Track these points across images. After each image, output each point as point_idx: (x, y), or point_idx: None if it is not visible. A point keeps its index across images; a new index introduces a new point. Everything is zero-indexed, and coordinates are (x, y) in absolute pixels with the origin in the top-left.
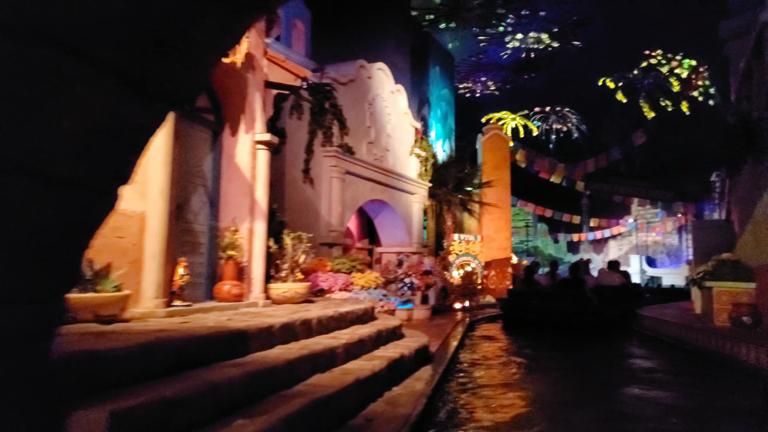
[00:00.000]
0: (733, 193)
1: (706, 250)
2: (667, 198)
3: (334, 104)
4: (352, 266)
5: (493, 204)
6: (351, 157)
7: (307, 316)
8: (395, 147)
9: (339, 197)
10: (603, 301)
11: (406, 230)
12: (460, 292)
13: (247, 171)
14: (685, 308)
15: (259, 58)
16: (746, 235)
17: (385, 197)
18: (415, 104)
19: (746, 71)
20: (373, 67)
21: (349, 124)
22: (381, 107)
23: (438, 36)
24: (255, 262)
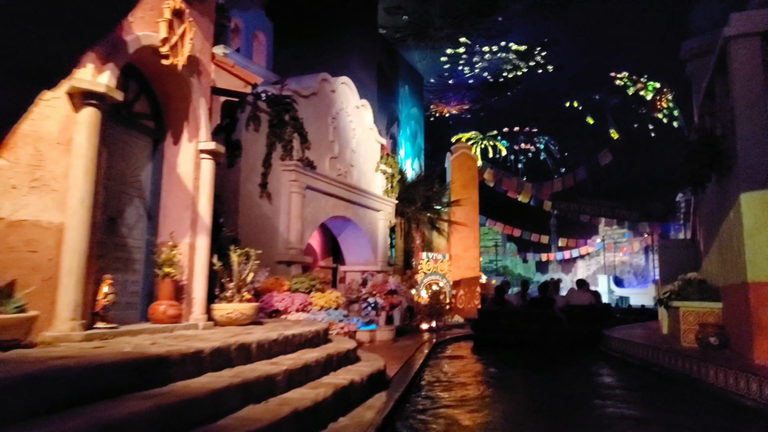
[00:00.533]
0: (698, 212)
1: (673, 270)
2: (633, 218)
3: (295, 117)
4: (311, 285)
5: (461, 223)
6: (312, 172)
7: (246, 340)
8: (360, 163)
9: (299, 213)
10: (572, 321)
11: (371, 248)
12: (426, 312)
13: (189, 182)
14: (653, 328)
15: (205, 63)
16: (712, 255)
17: (348, 214)
18: (383, 122)
19: (709, 88)
20: (337, 81)
21: (311, 138)
22: (345, 122)
23: (407, 55)
24: (196, 281)
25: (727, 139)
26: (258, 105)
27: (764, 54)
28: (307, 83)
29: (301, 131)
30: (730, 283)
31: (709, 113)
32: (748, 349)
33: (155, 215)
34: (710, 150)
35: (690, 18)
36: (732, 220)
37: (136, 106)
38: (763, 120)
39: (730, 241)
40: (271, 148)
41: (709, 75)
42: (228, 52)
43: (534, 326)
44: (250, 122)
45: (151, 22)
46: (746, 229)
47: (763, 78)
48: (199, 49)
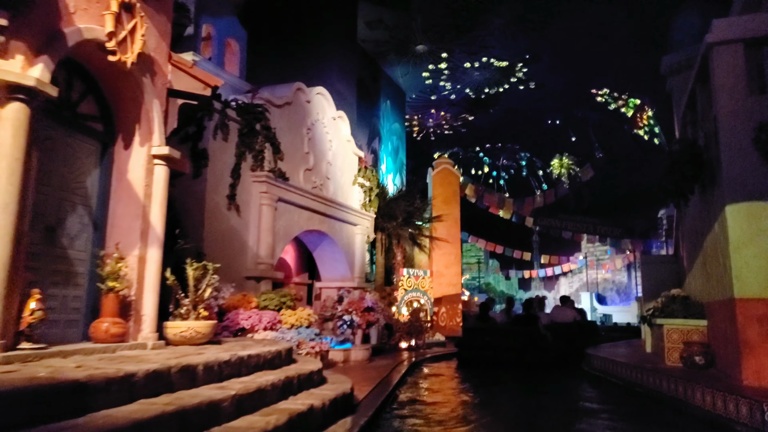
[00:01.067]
0: (680, 227)
1: (655, 286)
2: (616, 234)
3: (267, 126)
4: (281, 302)
5: (443, 239)
6: (285, 184)
7: (192, 362)
8: (337, 175)
9: (269, 226)
10: (557, 338)
11: (348, 263)
12: (406, 330)
13: (140, 189)
14: (636, 346)
15: (160, 62)
16: (695, 270)
17: (324, 228)
18: (364, 136)
19: (690, 98)
20: (312, 91)
21: (284, 149)
22: (321, 133)
23: (389, 70)
24: (146, 296)
25: (710, 149)
26: (227, 113)
27: (747, 61)
28: (281, 93)
29: (273, 141)
30: (716, 299)
31: (691, 123)
32: (736, 368)
33: (102, 225)
34: (693, 160)
35: (670, 33)
36: (717, 233)
37: (82, 107)
38: (747, 129)
39: (715, 255)
40: (241, 158)
41: (690, 84)
42: (198, 59)
43: (518, 344)
44: (218, 131)
45: (96, 14)
46: (732, 243)
47: (746, 86)
48: (153, 48)
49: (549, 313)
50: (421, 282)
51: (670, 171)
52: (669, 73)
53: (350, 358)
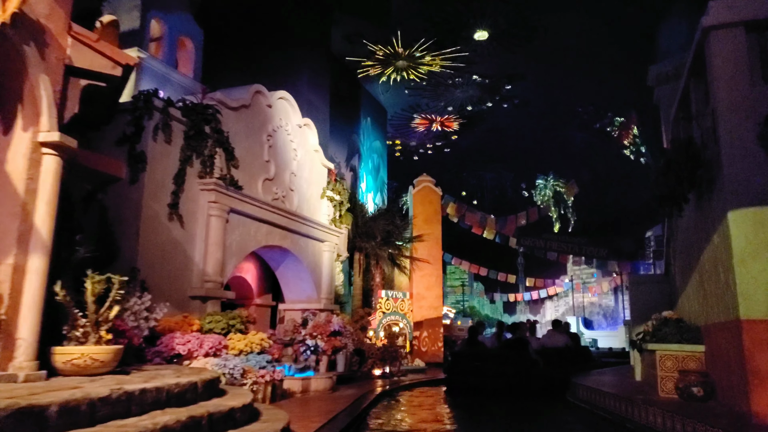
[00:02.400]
0: (672, 243)
1: (645, 308)
2: (602, 255)
3: (218, 129)
4: (229, 325)
5: (423, 259)
6: (238, 193)
7: (40, 402)
8: (302, 187)
9: (219, 240)
10: (548, 364)
11: (314, 283)
12: (379, 356)
13: (20, 183)
14: (624, 374)
15: (54, 32)
16: (690, 289)
17: (286, 244)
18: (343, 154)
19: (684, 94)
20: (274, 96)
21: (240, 156)
22: (284, 141)
23: (369, 87)
24: (23, 316)
25: (708, 148)
26: (169, 112)
27: (750, 47)
28: (237, 95)
29: (226, 146)
30: (716, 321)
31: (684, 120)
32: (742, 401)
33: None
34: (690, 160)
35: (657, 42)
36: (716, 245)
37: None
38: (751, 124)
39: (715, 271)
40: (186, 163)
41: (684, 78)
42: (144, 56)
43: (508, 370)
44: (159, 132)
45: None
46: (736, 256)
47: (748, 75)
48: (44, 14)
49: (540, 338)
50: (399, 305)
51: (665, 173)
52: (656, 83)
53: (310, 387)
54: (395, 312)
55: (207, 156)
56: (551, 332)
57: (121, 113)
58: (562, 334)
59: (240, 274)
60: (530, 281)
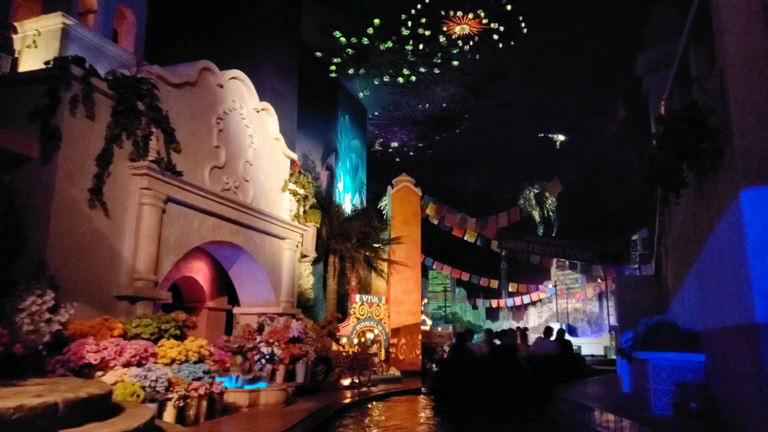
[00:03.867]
0: (664, 239)
1: (634, 312)
2: (586, 258)
3: (155, 106)
4: (160, 330)
5: (401, 262)
6: (178, 180)
7: None
8: (259, 178)
9: (153, 233)
10: (536, 372)
11: (272, 285)
12: (347, 365)
13: None
14: (611, 384)
15: None
16: (686, 290)
17: (238, 240)
18: (318, 151)
19: (682, 60)
20: (226, 75)
21: (183, 139)
22: (238, 126)
23: (348, 84)
24: None
25: (714, 116)
26: (92, 83)
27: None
28: (181, 71)
29: (165, 127)
30: (720, 325)
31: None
32: (756, 421)
33: None
34: (694, 128)
35: (645, 29)
36: (723, 234)
37: None
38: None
39: (720, 266)
40: (113, 143)
41: (682, 42)
42: (72, 22)
43: (496, 377)
44: (79, 105)
45: None
46: (751, 245)
47: (763, 26)
48: None
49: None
50: (375, 310)
51: (662, 146)
52: (645, 72)
53: (259, 401)
54: (370, 318)
55: (141, 137)
56: (540, 339)
57: (34, 83)
58: (551, 341)
59: (189, 273)
60: (513, 286)
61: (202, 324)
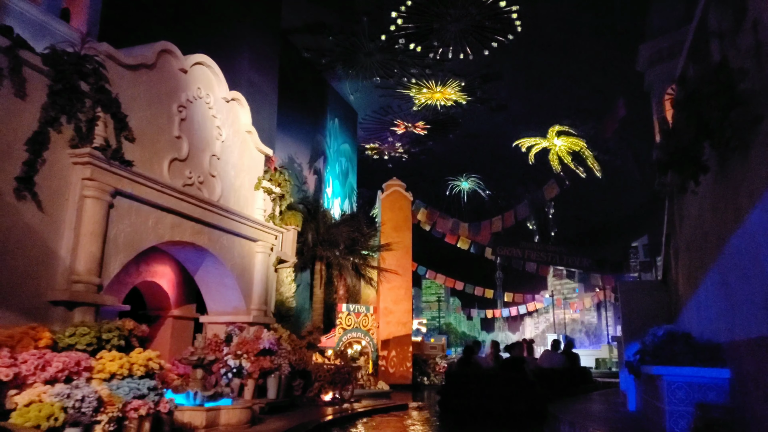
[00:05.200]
0: (674, 239)
1: (640, 321)
2: (584, 265)
3: (103, 88)
4: (100, 340)
5: (391, 270)
6: (129, 171)
7: None
8: (229, 174)
9: (97, 230)
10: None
11: (242, 291)
12: (328, 379)
13: None
14: (613, 402)
15: None
16: (702, 295)
17: (201, 241)
18: (305, 155)
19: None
20: (189, 59)
21: (138, 127)
22: (204, 116)
23: (337, 86)
24: None
25: (747, 76)
26: (21, 56)
27: None
28: (137, 52)
29: (115, 112)
30: (755, 336)
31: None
32: None
33: None
34: (723, 92)
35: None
36: (758, 223)
37: None
38: None
39: (754, 262)
40: (49, 126)
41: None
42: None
43: (505, 391)
44: (4, 80)
45: None
46: None
47: None
48: None
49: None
50: (362, 320)
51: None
52: (648, 65)
53: (219, 421)
54: (357, 328)
55: (84, 121)
56: (547, 352)
57: None
58: (559, 354)
59: (152, 278)
60: (509, 296)
61: (166, 334)
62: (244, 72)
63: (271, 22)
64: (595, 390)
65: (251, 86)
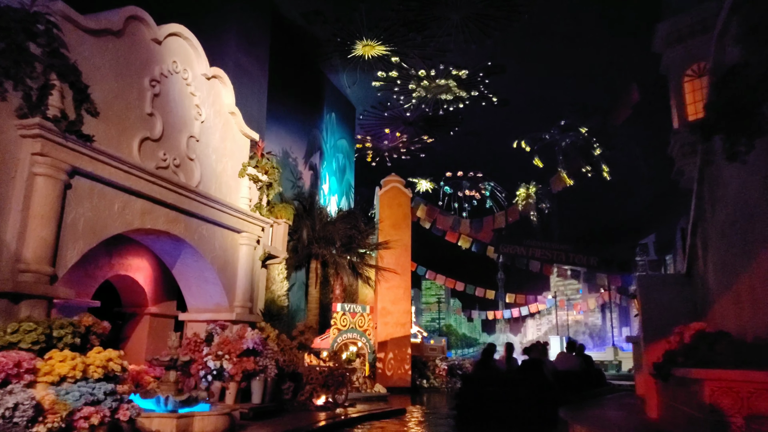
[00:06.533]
0: (701, 227)
1: (664, 320)
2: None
3: (58, 52)
4: (50, 337)
5: (390, 269)
6: (90, 148)
7: None
8: (209, 158)
9: (50, 212)
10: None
11: (224, 286)
12: (320, 382)
13: None
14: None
15: None
16: (741, 287)
17: (177, 230)
18: (301, 149)
19: None
20: (164, 29)
21: (104, 100)
22: (181, 93)
23: (334, 78)
24: None
25: None
26: None
27: None
28: (103, 17)
29: (74, 81)
30: None
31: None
32: None
33: None
34: None
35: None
36: None
37: None
38: None
39: None
40: None
41: None
42: None
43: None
44: None
45: None
46: None
47: None
48: None
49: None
50: (358, 320)
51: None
52: (666, 45)
53: (193, 428)
54: (353, 329)
55: (36, 89)
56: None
57: None
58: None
59: (126, 272)
60: (510, 297)
61: (142, 333)
62: (231, 52)
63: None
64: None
65: (238, 68)
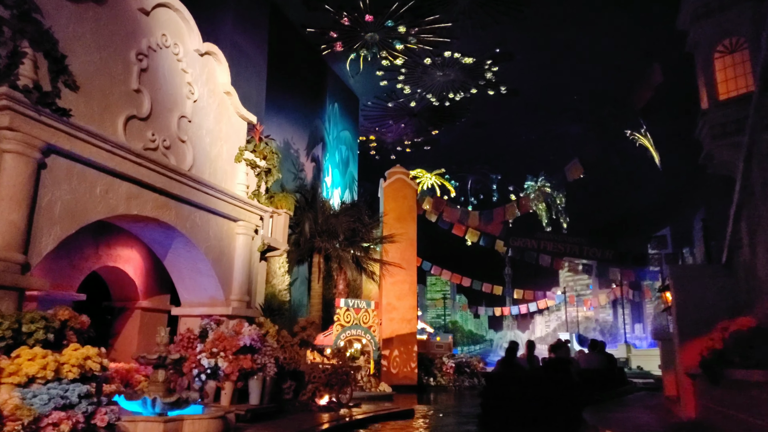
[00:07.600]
0: (748, 210)
1: (701, 314)
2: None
3: (30, 17)
4: (18, 333)
5: (395, 263)
6: (66, 123)
7: None
8: (203, 140)
9: (21, 194)
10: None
11: (219, 279)
12: (323, 381)
13: None
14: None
15: None
16: None
17: (168, 217)
18: (303, 140)
19: None
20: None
21: (84, 73)
22: (171, 69)
23: (337, 68)
24: None
25: None
26: None
27: None
28: None
29: (49, 50)
30: None
31: None
32: None
33: None
34: None
35: None
36: None
37: None
38: None
39: None
40: None
41: None
42: None
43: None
44: None
45: None
46: None
47: None
48: None
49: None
50: (363, 316)
51: None
52: (693, 20)
53: None
54: (357, 325)
55: (4, 56)
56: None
57: None
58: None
59: (114, 263)
60: (518, 293)
61: (133, 329)
62: (228, 33)
63: None
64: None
65: (237, 50)
